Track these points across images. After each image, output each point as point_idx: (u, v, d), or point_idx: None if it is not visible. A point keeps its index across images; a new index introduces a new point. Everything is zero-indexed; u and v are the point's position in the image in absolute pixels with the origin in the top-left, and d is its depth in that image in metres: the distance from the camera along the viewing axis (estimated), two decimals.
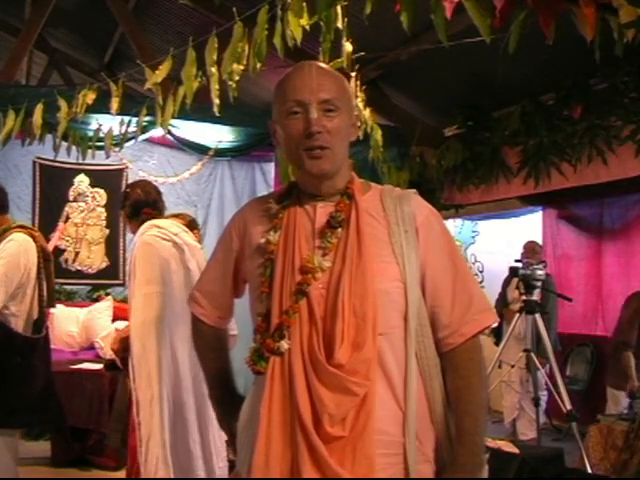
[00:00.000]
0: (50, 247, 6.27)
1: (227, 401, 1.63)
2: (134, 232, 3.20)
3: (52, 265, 3.26)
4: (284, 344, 1.32)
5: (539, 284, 4.56)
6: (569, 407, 4.25)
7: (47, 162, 6.38)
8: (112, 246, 6.76)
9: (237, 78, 2.69)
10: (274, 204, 1.46)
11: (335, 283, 1.33)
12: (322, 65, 1.47)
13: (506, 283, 5.37)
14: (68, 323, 6.20)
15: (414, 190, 1.50)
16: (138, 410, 2.86)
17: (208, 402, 2.87)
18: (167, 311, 2.92)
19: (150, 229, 3.06)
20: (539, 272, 4.56)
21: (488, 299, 1.49)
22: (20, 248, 2.95)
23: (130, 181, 6.60)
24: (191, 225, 4.05)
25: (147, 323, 2.91)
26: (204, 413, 2.94)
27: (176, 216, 4.06)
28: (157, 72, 3.14)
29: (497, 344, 5.00)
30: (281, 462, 1.28)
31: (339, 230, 1.38)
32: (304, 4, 2.34)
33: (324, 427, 1.25)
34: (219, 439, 2.99)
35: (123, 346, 3.24)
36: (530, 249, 5.28)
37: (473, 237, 7.68)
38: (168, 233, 3.07)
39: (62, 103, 3.77)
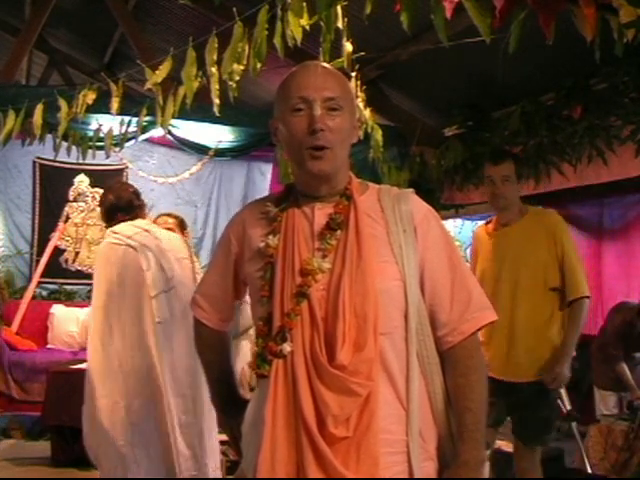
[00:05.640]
0: (50, 247, 6.35)
1: (229, 404, 1.63)
2: None
3: None
4: (286, 347, 1.32)
5: None
6: (569, 407, 4.25)
7: (47, 162, 6.38)
8: None
9: (237, 78, 2.69)
10: (272, 207, 1.46)
11: (335, 284, 1.33)
12: (327, 65, 1.48)
13: None
14: (68, 323, 6.20)
15: (411, 189, 1.50)
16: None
17: (139, 427, 2.91)
18: (113, 320, 2.96)
19: (108, 236, 3.11)
20: None
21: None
22: None
23: (130, 181, 6.63)
24: (181, 225, 4.09)
25: (91, 336, 3.01)
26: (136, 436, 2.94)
27: (168, 215, 4.12)
28: (157, 72, 3.14)
29: None
30: (286, 464, 1.28)
31: (338, 232, 1.38)
32: (304, 4, 2.34)
33: (328, 428, 1.26)
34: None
35: None
36: None
37: None
38: (121, 237, 3.07)
39: (62, 103, 3.77)
